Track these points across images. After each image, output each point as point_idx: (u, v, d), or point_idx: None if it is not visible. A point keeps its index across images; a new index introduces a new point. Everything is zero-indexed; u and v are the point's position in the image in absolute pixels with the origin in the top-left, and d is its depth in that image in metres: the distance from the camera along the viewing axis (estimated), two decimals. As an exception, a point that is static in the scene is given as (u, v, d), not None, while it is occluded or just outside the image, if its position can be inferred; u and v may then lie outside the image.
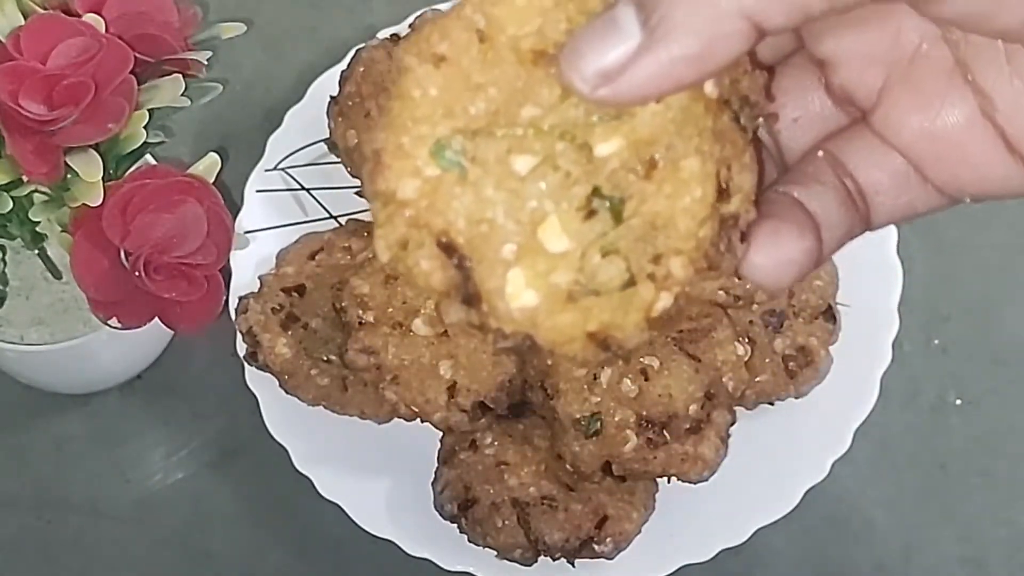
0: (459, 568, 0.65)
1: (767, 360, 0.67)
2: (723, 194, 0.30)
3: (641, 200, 0.30)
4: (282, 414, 0.68)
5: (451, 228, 0.30)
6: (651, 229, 0.30)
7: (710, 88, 0.30)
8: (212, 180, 0.63)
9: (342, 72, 0.73)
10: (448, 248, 0.30)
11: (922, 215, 0.35)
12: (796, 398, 0.69)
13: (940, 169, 0.33)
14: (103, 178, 0.59)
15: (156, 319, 0.63)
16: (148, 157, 0.66)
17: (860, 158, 0.34)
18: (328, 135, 0.73)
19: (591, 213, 0.30)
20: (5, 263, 0.67)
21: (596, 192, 0.30)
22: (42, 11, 0.60)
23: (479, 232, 0.30)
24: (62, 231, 0.61)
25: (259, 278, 0.70)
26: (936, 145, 0.33)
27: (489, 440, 0.66)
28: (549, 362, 0.62)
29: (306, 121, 0.75)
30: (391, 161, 0.30)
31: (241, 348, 0.69)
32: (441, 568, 0.65)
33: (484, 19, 0.30)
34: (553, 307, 0.30)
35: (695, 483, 0.65)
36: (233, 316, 0.69)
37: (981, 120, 0.32)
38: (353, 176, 0.73)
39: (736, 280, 0.63)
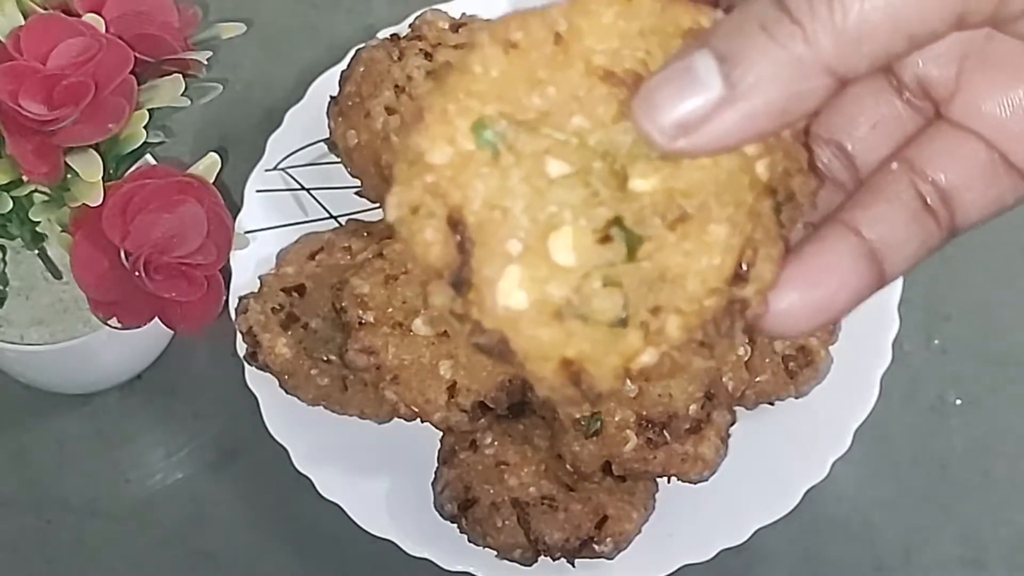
0: (459, 568, 0.65)
1: (767, 360, 0.67)
2: (741, 276, 0.30)
3: (659, 247, 0.30)
4: (282, 414, 0.68)
5: (466, 205, 0.29)
6: (659, 279, 0.30)
7: (761, 169, 0.30)
8: (212, 180, 0.63)
9: (342, 72, 0.73)
10: (456, 225, 0.29)
11: (1012, 208, 0.33)
12: (796, 398, 0.69)
13: None
14: (103, 178, 0.59)
15: (156, 319, 0.63)
16: (148, 157, 0.66)
17: (942, 158, 0.33)
18: (328, 135, 0.73)
19: (606, 239, 0.30)
20: (5, 263, 0.67)
21: (618, 221, 0.30)
22: (42, 11, 0.60)
23: (491, 217, 0.29)
24: (62, 231, 0.61)
25: (259, 278, 0.70)
26: (1022, 126, 0.32)
27: (489, 440, 0.66)
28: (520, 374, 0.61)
29: (306, 121, 0.75)
30: (432, 122, 0.30)
31: (241, 348, 0.69)
32: (441, 568, 0.65)
33: (567, 24, 0.30)
34: (539, 317, 0.29)
35: (695, 483, 0.65)
36: (233, 316, 0.69)
37: None
38: (353, 176, 0.73)
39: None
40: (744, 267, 0.30)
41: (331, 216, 0.74)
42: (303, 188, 0.75)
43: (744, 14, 0.29)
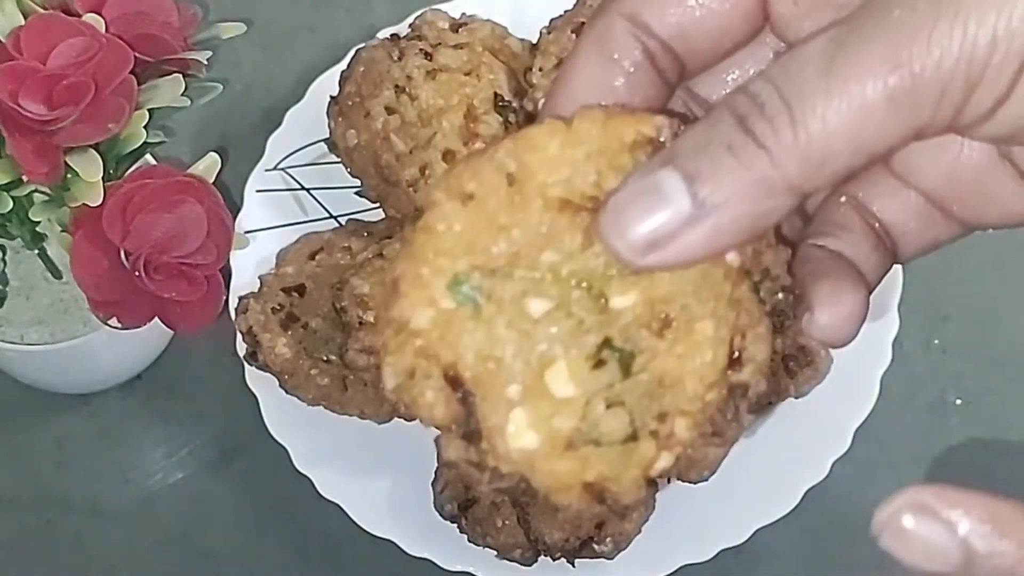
0: (459, 568, 0.65)
1: (767, 360, 0.67)
2: (735, 362, 0.31)
3: (652, 356, 0.30)
4: (282, 414, 0.68)
5: (459, 362, 0.30)
6: (659, 387, 0.30)
7: (732, 256, 0.31)
8: (212, 180, 0.63)
9: (342, 72, 0.73)
10: (454, 382, 0.30)
11: (947, 244, 0.35)
12: (796, 398, 0.69)
13: (963, 207, 0.34)
14: (103, 178, 0.59)
15: (156, 319, 0.63)
16: (148, 157, 0.66)
17: (883, 200, 0.34)
18: (328, 135, 0.73)
19: (600, 363, 0.30)
20: (5, 263, 0.67)
21: (607, 343, 0.30)
22: (42, 11, 0.60)
23: (486, 369, 0.30)
24: (62, 231, 0.62)
25: (259, 278, 0.70)
26: (958, 185, 0.33)
27: (489, 440, 0.66)
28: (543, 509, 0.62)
29: (306, 121, 0.75)
30: (408, 290, 0.30)
31: (241, 348, 0.69)
32: (441, 568, 0.65)
33: (516, 164, 0.31)
34: (552, 452, 0.30)
35: (695, 483, 0.65)
36: (233, 316, 0.69)
37: (1000, 160, 0.33)
38: (353, 176, 0.73)
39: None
40: (737, 353, 0.31)
41: (331, 216, 0.74)
42: (303, 188, 0.75)
43: (708, 134, 0.29)
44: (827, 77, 0.28)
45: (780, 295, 0.32)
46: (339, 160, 0.73)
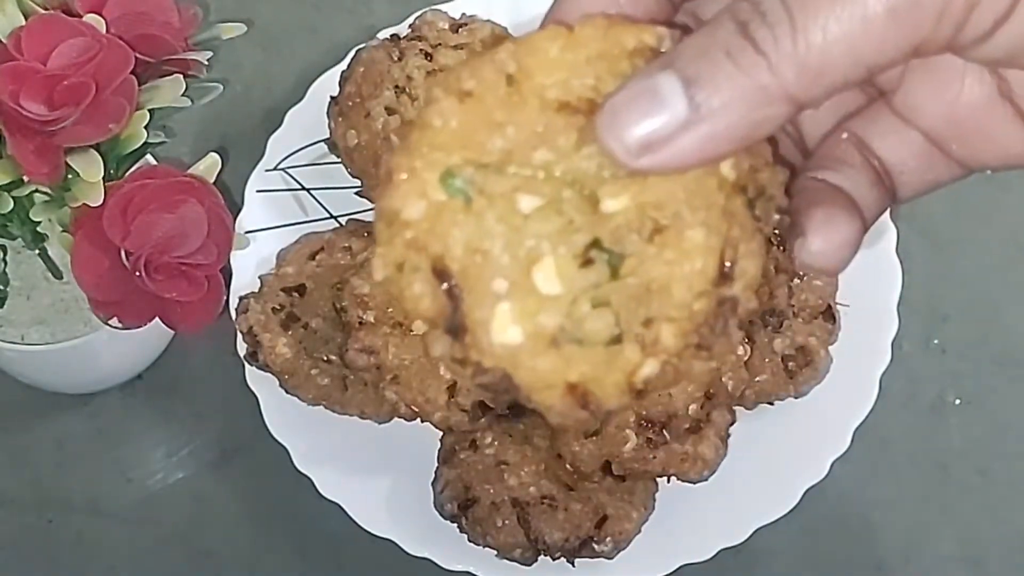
0: (459, 568, 0.65)
1: (767, 360, 0.67)
2: (726, 276, 0.31)
3: (640, 261, 0.30)
4: (282, 414, 0.68)
5: (447, 254, 0.30)
6: (646, 292, 0.30)
7: (727, 170, 0.31)
8: (212, 180, 0.63)
9: (342, 72, 0.73)
10: (442, 275, 0.30)
11: (946, 185, 0.35)
12: (796, 398, 0.69)
13: (962, 146, 0.34)
14: (104, 178, 0.59)
15: (156, 319, 0.63)
16: (149, 157, 0.66)
17: (884, 138, 0.35)
18: (328, 135, 0.73)
19: (588, 262, 0.30)
20: (6, 263, 0.67)
21: (596, 243, 0.30)
22: (43, 11, 0.60)
23: (474, 262, 0.30)
24: (63, 231, 0.62)
25: (259, 278, 0.70)
26: (957, 124, 0.34)
27: (489, 440, 0.66)
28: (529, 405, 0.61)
29: (306, 121, 0.75)
30: (400, 181, 0.30)
31: (241, 348, 0.69)
32: (441, 568, 0.65)
33: (516, 65, 0.31)
34: (536, 348, 0.30)
35: (695, 483, 0.65)
36: (233, 316, 0.69)
37: (999, 99, 0.33)
38: (353, 176, 0.73)
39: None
40: (728, 266, 0.30)
41: (331, 216, 0.74)
42: (303, 188, 0.75)
43: (709, 39, 0.29)
44: None
45: (776, 216, 0.32)
46: (339, 160, 0.73)
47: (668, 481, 0.66)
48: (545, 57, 0.31)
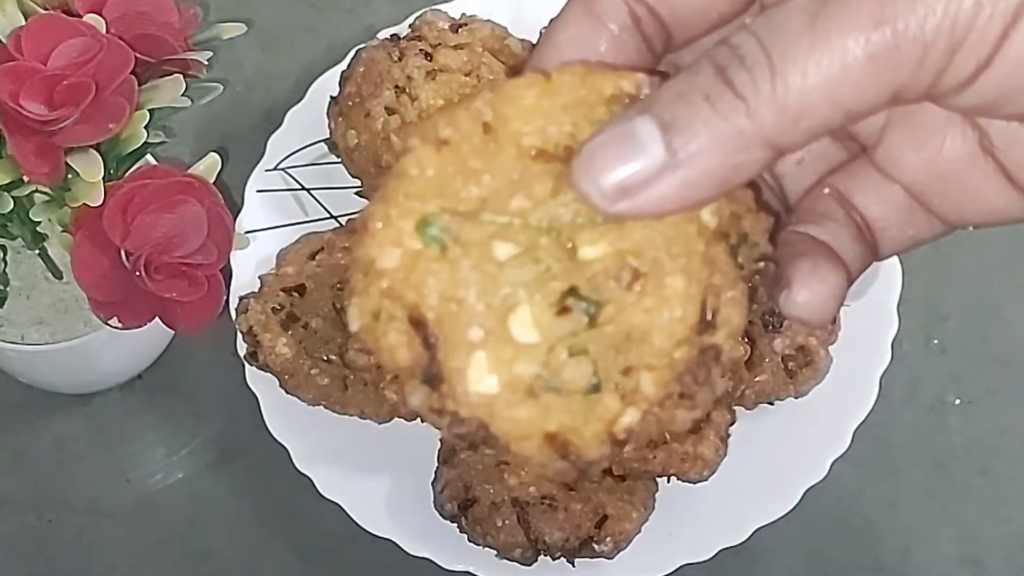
0: (459, 568, 0.66)
1: (767, 360, 0.67)
2: (709, 324, 0.30)
3: (619, 309, 0.30)
4: (282, 414, 0.68)
5: (423, 303, 0.30)
6: (625, 340, 0.30)
7: (708, 216, 0.30)
8: (212, 180, 0.63)
9: (342, 72, 0.73)
10: (418, 324, 0.30)
11: (927, 243, 0.35)
12: (796, 398, 0.69)
13: (944, 202, 0.34)
14: (104, 178, 0.59)
15: (156, 319, 0.63)
16: (149, 157, 0.66)
17: (865, 193, 0.34)
18: (328, 135, 0.73)
19: (565, 310, 0.30)
20: (6, 263, 0.67)
21: (573, 291, 0.30)
22: (43, 11, 0.60)
23: (449, 310, 0.30)
24: (63, 231, 0.62)
25: (259, 278, 0.70)
26: (939, 179, 0.33)
27: (489, 440, 0.66)
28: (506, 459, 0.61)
29: (306, 121, 0.75)
30: (376, 230, 0.30)
31: (241, 348, 0.69)
32: (441, 568, 0.65)
33: (492, 113, 0.31)
34: (513, 397, 0.30)
35: (695, 483, 0.65)
36: (233, 316, 0.69)
37: (981, 154, 0.33)
38: (353, 176, 0.73)
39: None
40: (710, 314, 0.30)
41: (331, 216, 0.74)
42: (303, 188, 0.75)
43: (687, 84, 0.29)
44: (810, 31, 0.28)
45: (761, 264, 0.31)
46: (339, 160, 0.73)
47: (668, 481, 0.66)
48: (522, 104, 0.31)
